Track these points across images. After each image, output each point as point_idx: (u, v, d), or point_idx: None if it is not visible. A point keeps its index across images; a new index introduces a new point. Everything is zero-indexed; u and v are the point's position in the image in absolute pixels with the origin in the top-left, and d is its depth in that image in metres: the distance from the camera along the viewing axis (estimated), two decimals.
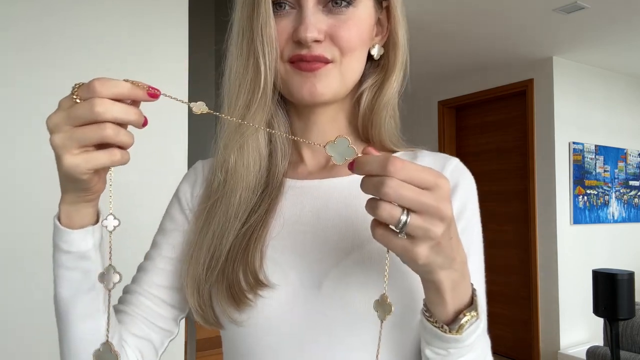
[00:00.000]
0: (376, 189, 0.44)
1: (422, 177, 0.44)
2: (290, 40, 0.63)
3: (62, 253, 0.55)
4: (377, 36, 0.70)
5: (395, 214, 0.44)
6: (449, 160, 0.70)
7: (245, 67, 0.64)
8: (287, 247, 0.65)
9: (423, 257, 0.46)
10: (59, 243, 0.55)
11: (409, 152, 0.72)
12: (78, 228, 0.54)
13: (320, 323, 0.61)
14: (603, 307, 2.22)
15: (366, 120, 0.71)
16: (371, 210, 0.46)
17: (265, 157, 0.68)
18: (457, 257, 0.49)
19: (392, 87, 0.70)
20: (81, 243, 0.55)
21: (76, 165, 0.47)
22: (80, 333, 0.58)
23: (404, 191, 0.43)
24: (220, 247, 0.64)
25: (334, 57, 0.63)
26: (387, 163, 0.44)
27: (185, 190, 0.75)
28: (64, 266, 0.56)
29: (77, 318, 0.58)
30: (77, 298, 0.57)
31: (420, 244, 0.45)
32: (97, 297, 0.58)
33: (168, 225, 0.74)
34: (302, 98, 0.64)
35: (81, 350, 0.59)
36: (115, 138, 0.47)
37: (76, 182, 0.50)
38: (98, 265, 0.57)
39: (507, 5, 2.96)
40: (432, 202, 0.44)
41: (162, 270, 0.71)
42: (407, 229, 0.44)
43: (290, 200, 0.68)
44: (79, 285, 0.56)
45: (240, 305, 0.62)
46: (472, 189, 0.69)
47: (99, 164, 0.48)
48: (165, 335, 0.71)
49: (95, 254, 0.56)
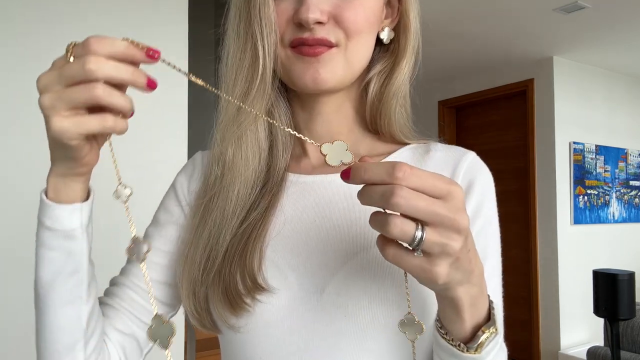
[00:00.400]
0: (384, 199, 0.39)
1: (434, 184, 0.39)
2: (291, 23, 0.58)
3: (45, 230, 0.50)
4: (387, 19, 0.65)
5: (409, 229, 0.39)
6: (465, 154, 0.64)
7: (243, 51, 0.59)
8: (288, 247, 0.60)
9: (443, 276, 0.41)
10: (43, 219, 0.50)
11: (421, 144, 0.67)
12: (65, 203, 0.50)
13: (322, 330, 0.57)
14: (603, 307, 2.21)
15: (374, 110, 0.66)
16: (379, 226, 0.40)
17: (266, 150, 0.64)
18: (475, 269, 0.44)
19: (403, 73, 0.65)
20: (67, 220, 0.50)
21: (65, 129, 0.43)
22: (58, 321, 0.53)
23: (417, 201, 0.38)
24: (217, 246, 0.60)
25: (338, 41, 0.58)
26: (394, 169, 0.39)
27: (182, 182, 0.70)
28: (46, 245, 0.51)
29: (57, 304, 0.52)
30: (58, 282, 0.52)
31: (439, 261, 0.40)
32: (80, 283, 0.53)
33: (162, 217, 0.69)
34: (305, 85, 0.59)
35: (57, 339, 0.54)
36: (107, 98, 0.42)
37: (65, 149, 0.45)
38: (84, 247, 0.51)
39: (507, 5, 2.96)
40: (448, 213, 0.39)
41: (154, 263, 0.66)
42: (424, 245, 0.39)
43: (292, 196, 0.63)
44: (61, 268, 0.51)
45: (237, 310, 0.58)
46: (489, 186, 0.63)
47: (89, 128, 0.43)
48: None
49: (82, 235, 0.51)
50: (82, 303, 0.53)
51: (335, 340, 0.57)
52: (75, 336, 0.54)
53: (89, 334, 0.55)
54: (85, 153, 0.47)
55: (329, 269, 0.58)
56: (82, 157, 0.47)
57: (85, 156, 0.47)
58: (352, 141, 0.67)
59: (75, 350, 0.54)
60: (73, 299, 0.53)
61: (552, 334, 3.81)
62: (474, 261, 0.44)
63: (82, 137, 0.44)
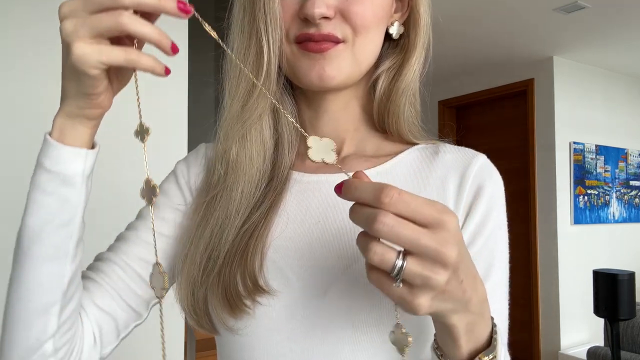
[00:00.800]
0: (367, 223, 0.38)
1: (423, 211, 0.37)
2: (297, 18, 0.56)
3: (43, 172, 0.47)
4: (397, 13, 0.63)
5: (389, 258, 0.37)
6: (475, 157, 0.62)
7: (247, 47, 0.57)
8: (291, 249, 0.58)
9: (425, 308, 0.39)
10: (43, 159, 0.47)
11: (430, 145, 0.65)
12: (70, 146, 0.47)
13: (322, 336, 0.55)
14: (604, 307, 2.21)
15: (382, 108, 0.64)
16: (361, 250, 0.39)
17: (270, 148, 0.62)
18: (474, 296, 0.42)
19: (413, 70, 0.62)
20: (69, 164, 0.47)
21: (88, 55, 0.41)
22: (38, 276, 0.49)
23: (400, 229, 0.37)
24: (218, 246, 0.58)
25: (345, 36, 0.56)
26: (381, 192, 0.37)
27: (183, 169, 0.68)
28: (41, 188, 0.47)
29: (40, 257, 0.48)
30: (46, 232, 0.48)
31: (420, 293, 0.38)
32: (70, 237, 0.49)
33: (160, 199, 0.66)
34: (310, 82, 0.57)
35: (33, 298, 0.49)
36: (133, 26, 0.41)
37: (81, 82, 0.43)
38: (81, 198, 0.48)
39: (507, 5, 2.96)
40: (433, 245, 0.37)
41: (146, 243, 0.62)
42: (404, 275, 0.37)
43: (295, 195, 0.61)
44: (53, 217, 0.47)
45: (236, 312, 0.56)
46: (499, 192, 0.61)
47: (112, 57, 0.42)
48: (133, 317, 0.62)
49: (82, 185, 0.48)
50: (67, 261, 0.49)
51: (335, 346, 0.55)
52: (54, 297, 0.50)
53: (68, 299, 0.51)
54: (100, 90, 0.45)
55: (332, 272, 0.56)
56: (97, 94, 0.45)
57: (100, 95, 0.45)
58: (359, 140, 0.66)
59: (50, 313, 0.50)
60: (59, 255, 0.49)
61: (552, 334, 3.81)
62: (471, 289, 0.41)
63: (103, 66, 0.42)
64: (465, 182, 0.60)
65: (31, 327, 0.50)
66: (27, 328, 0.50)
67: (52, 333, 0.51)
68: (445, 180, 0.60)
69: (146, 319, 0.65)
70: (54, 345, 0.51)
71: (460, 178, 0.60)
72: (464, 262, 0.40)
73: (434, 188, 0.60)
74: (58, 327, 0.51)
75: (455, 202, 0.59)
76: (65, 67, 0.44)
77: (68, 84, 0.45)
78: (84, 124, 0.47)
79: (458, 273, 0.39)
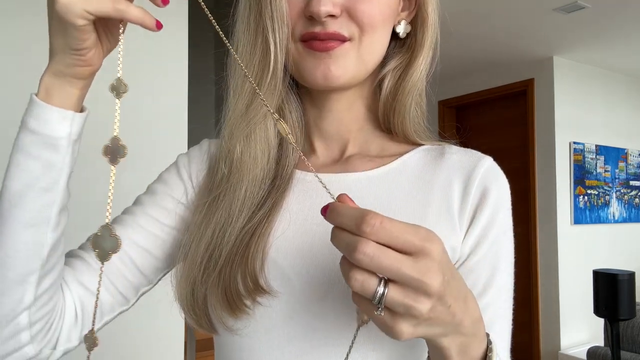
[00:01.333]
0: (348, 252, 0.37)
1: (405, 239, 0.36)
2: (302, 16, 0.55)
3: (27, 133, 0.45)
4: (404, 11, 0.62)
5: (370, 286, 0.37)
6: (481, 159, 0.61)
7: (253, 45, 0.56)
8: (292, 249, 0.57)
9: (406, 334, 0.38)
10: (28, 119, 0.45)
11: (436, 146, 0.64)
12: (57, 107, 0.45)
13: (323, 338, 0.55)
14: (603, 307, 2.21)
15: (388, 108, 0.63)
16: (344, 277, 0.38)
17: (275, 147, 0.61)
18: (465, 318, 0.41)
19: (419, 70, 0.62)
20: (54, 125, 0.45)
21: (72, 4, 0.40)
22: (17, 243, 0.46)
23: (381, 259, 0.36)
24: (220, 246, 0.57)
25: (351, 35, 0.55)
26: (362, 221, 0.36)
27: (185, 161, 0.67)
28: (24, 150, 0.45)
29: (20, 222, 0.46)
30: (27, 196, 0.46)
31: (402, 321, 0.38)
32: (52, 204, 0.47)
33: (159, 188, 0.65)
34: (315, 82, 0.56)
35: (10, 265, 0.47)
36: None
37: (68, 34, 0.42)
38: (65, 164, 0.46)
39: (507, 5, 2.95)
40: (415, 274, 0.36)
41: (143, 229, 0.61)
42: (385, 303, 0.37)
43: (298, 194, 0.61)
44: (35, 180, 0.45)
45: (236, 312, 0.55)
46: (505, 196, 0.60)
47: (99, 7, 0.40)
48: (119, 301, 0.60)
49: (67, 149, 0.46)
50: (48, 229, 0.47)
51: (335, 348, 0.54)
52: (32, 265, 0.48)
53: (47, 269, 0.49)
54: (89, 45, 0.43)
55: (333, 273, 0.56)
56: (85, 49, 0.43)
57: (89, 50, 0.44)
58: (363, 140, 0.65)
59: (27, 282, 0.48)
60: (40, 221, 0.47)
61: (552, 334, 3.81)
62: (461, 313, 0.40)
63: (90, 16, 0.41)
64: (471, 185, 0.59)
65: (6, 295, 0.48)
66: (2, 296, 0.48)
67: (28, 304, 0.49)
68: (451, 183, 0.60)
69: (133, 305, 0.64)
70: (29, 318, 0.50)
71: (466, 181, 0.60)
72: (451, 287, 0.39)
73: (439, 190, 0.60)
74: (35, 298, 0.49)
75: (460, 205, 0.59)
76: (51, 21, 0.42)
77: (55, 39, 0.43)
78: (72, 84, 0.45)
79: (444, 299, 0.38)
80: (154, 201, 0.63)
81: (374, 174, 0.61)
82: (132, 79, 0.47)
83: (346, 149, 0.65)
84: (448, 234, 0.57)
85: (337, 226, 0.39)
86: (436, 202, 0.59)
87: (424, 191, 0.60)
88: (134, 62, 1.93)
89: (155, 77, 1.95)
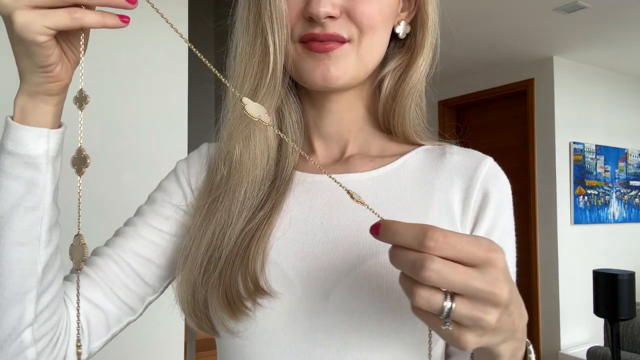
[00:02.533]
0: (414, 271, 0.36)
1: (469, 252, 0.36)
2: (302, 17, 0.55)
3: (6, 155, 0.46)
4: (404, 12, 0.62)
5: (437, 302, 0.36)
6: (483, 160, 0.61)
7: (252, 46, 0.56)
8: (293, 250, 0.57)
9: (472, 344, 0.38)
10: (5, 142, 0.46)
11: (436, 146, 0.64)
12: (31, 126, 0.45)
13: (325, 339, 0.54)
14: (603, 307, 2.21)
15: (388, 109, 0.63)
16: (407, 294, 0.38)
17: (274, 149, 0.60)
18: (521, 325, 0.42)
19: (419, 71, 0.62)
20: (31, 145, 0.45)
21: (30, 21, 0.40)
22: (10, 263, 0.47)
23: (449, 274, 0.35)
24: (220, 247, 0.57)
25: (351, 36, 0.55)
26: (425, 237, 0.36)
27: (184, 167, 0.67)
28: (5, 172, 0.46)
29: (11, 242, 0.47)
30: (15, 215, 0.46)
31: (469, 332, 0.38)
32: (39, 222, 0.47)
33: (159, 196, 0.65)
34: (315, 83, 0.56)
35: (6, 285, 0.47)
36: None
37: (32, 53, 0.42)
38: (47, 181, 0.47)
39: (507, 5, 2.95)
40: (484, 287, 0.36)
41: (144, 239, 0.61)
42: (453, 317, 0.37)
43: (298, 196, 0.60)
44: (20, 200, 0.46)
45: (236, 314, 0.55)
46: (507, 197, 0.60)
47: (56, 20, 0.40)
48: (125, 311, 0.61)
49: (46, 166, 0.46)
50: (40, 246, 0.48)
51: (338, 350, 0.54)
52: (28, 284, 0.48)
53: (45, 285, 0.50)
54: (54, 60, 0.44)
55: (336, 274, 0.55)
56: (52, 65, 0.44)
57: (56, 66, 0.44)
58: (363, 140, 0.65)
59: (25, 300, 0.49)
60: (30, 240, 0.47)
61: (552, 334, 3.81)
62: (518, 320, 0.40)
63: (50, 31, 0.41)
64: (473, 187, 0.59)
65: (6, 314, 0.49)
66: (3, 315, 0.49)
67: (29, 321, 0.50)
68: (453, 183, 0.60)
69: (141, 315, 0.64)
70: (33, 335, 0.50)
71: (467, 182, 0.60)
72: (513, 295, 0.39)
73: (441, 190, 0.60)
74: (36, 315, 0.50)
75: (462, 208, 0.59)
76: (12, 44, 0.43)
77: (21, 61, 0.44)
78: (45, 101, 0.46)
79: (510, 308, 0.38)
80: (154, 210, 0.64)
81: (375, 174, 0.61)
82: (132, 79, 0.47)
83: (346, 149, 0.65)
84: None
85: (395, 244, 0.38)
86: (438, 202, 0.59)
87: (426, 191, 0.59)
88: (134, 62, 1.93)
89: (155, 77, 1.95)
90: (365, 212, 0.56)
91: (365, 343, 0.54)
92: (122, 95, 1.81)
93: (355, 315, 0.54)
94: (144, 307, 0.64)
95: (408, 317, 0.53)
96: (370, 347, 0.54)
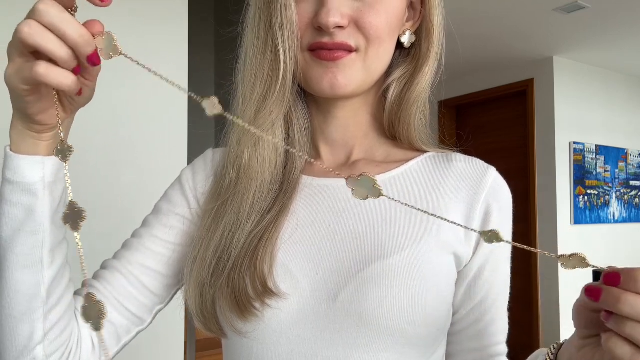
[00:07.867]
0: None
1: None
2: (311, 26, 0.56)
3: (6, 183, 0.48)
4: (409, 21, 0.63)
5: None
6: (487, 170, 0.63)
7: (263, 54, 0.57)
8: (300, 252, 0.58)
9: None
10: (5, 171, 0.48)
11: (441, 153, 0.66)
12: (25, 154, 0.48)
13: (332, 340, 0.55)
14: None
15: (393, 116, 0.64)
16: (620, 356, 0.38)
17: (282, 153, 0.62)
18: None
19: (424, 79, 0.63)
20: (27, 172, 0.47)
21: (8, 75, 0.43)
22: (15, 284, 0.50)
23: None
24: (228, 249, 0.58)
25: (358, 46, 0.57)
26: None
27: (189, 176, 0.68)
28: (6, 199, 0.48)
29: (14, 265, 0.49)
30: (17, 240, 0.48)
31: None
32: (40, 245, 0.49)
33: (164, 206, 0.66)
34: (322, 90, 0.58)
35: (13, 305, 0.50)
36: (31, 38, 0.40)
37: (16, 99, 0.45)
38: (45, 207, 0.48)
39: (507, 5, 2.96)
40: None
41: (150, 250, 0.63)
42: None
43: (305, 199, 0.62)
44: (20, 226, 0.48)
45: (245, 314, 0.56)
46: (508, 209, 0.63)
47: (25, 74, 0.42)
48: (134, 322, 0.63)
49: (44, 191, 0.48)
50: (43, 268, 0.50)
51: (345, 350, 0.55)
52: (33, 304, 0.50)
53: (52, 304, 0.51)
54: (36, 110, 0.45)
55: (343, 275, 0.56)
56: (34, 112, 0.45)
57: (38, 113, 0.46)
58: (368, 146, 0.66)
59: (33, 319, 0.51)
60: (33, 262, 0.49)
61: (552, 335, 3.81)
62: None
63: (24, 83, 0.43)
64: (477, 200, 0.61)
65: (16, 334, 0.51)
66: (13, 335, 0.51)
67: (39, 339, 0.51)
68: (458, 190, 0.61)
69: (150, 324, 0.66)
70: (45, 352, 0.52)
71: (472, 192, 0.61)
72: None
73: (446, 197, 0.61)
74: (45, 333, 0.52)
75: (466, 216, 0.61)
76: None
77: (12, 101, 0.46)
78: (33, 137, 0.48)
79: None
80: (159, 221, 0.65)
81: (382, 179, 0.62)
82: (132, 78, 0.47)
83: (352, 155, 0.66)
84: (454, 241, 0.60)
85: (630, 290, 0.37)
86: (444, 208, 0.60)
87: (432, 197, 0.61)
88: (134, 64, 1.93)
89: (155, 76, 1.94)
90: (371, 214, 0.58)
91: (372, 344, 0.54)
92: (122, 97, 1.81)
93: (362, 316, 0.54)
94: (152, 317, 0.65)
95: (413, 319, 0.54)
96: (377, 347, 0.54)
